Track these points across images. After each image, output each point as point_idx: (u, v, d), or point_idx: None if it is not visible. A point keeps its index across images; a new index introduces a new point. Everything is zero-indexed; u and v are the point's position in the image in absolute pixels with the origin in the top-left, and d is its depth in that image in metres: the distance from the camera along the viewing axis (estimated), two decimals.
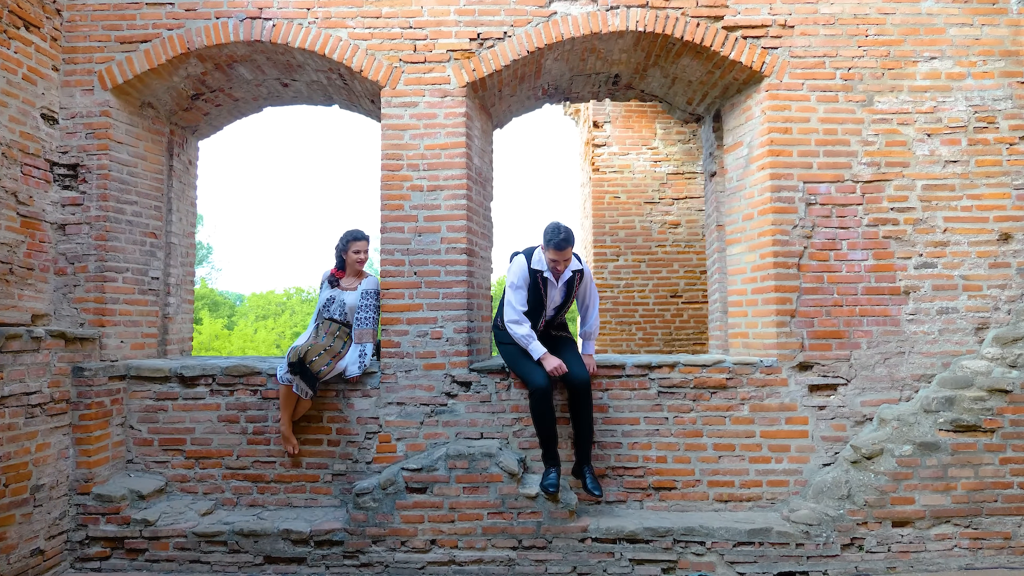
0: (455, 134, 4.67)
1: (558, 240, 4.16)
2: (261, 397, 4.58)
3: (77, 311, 4.57)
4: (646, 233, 8.26)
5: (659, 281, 8.22)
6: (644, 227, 8.26)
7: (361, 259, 4.76)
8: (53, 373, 4.12)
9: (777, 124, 4.61)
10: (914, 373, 4.50)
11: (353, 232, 4.81)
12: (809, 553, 4.10)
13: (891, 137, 4.59)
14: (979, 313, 4.53)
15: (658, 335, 8.20)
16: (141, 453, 4.60)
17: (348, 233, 4.81)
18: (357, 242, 4.77)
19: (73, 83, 4.69)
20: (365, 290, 4.67)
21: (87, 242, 4.62)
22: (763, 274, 4.63)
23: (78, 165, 4.66)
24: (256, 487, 4.56)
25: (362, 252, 4.77)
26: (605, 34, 4.66)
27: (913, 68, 4.62)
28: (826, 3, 4.65)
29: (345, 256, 4.78)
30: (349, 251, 4.76)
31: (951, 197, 4.57)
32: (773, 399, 4.51)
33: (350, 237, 4.79)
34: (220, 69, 4.99)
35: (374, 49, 4.69)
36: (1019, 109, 4.60)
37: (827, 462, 4.47)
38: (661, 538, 4.12)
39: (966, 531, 4.13)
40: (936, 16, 4.64)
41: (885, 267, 4.55)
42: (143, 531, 4.18)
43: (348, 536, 4.16)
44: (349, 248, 4.76)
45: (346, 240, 4.79)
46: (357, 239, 4.78)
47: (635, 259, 8.23)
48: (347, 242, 4.78)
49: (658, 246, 8.26)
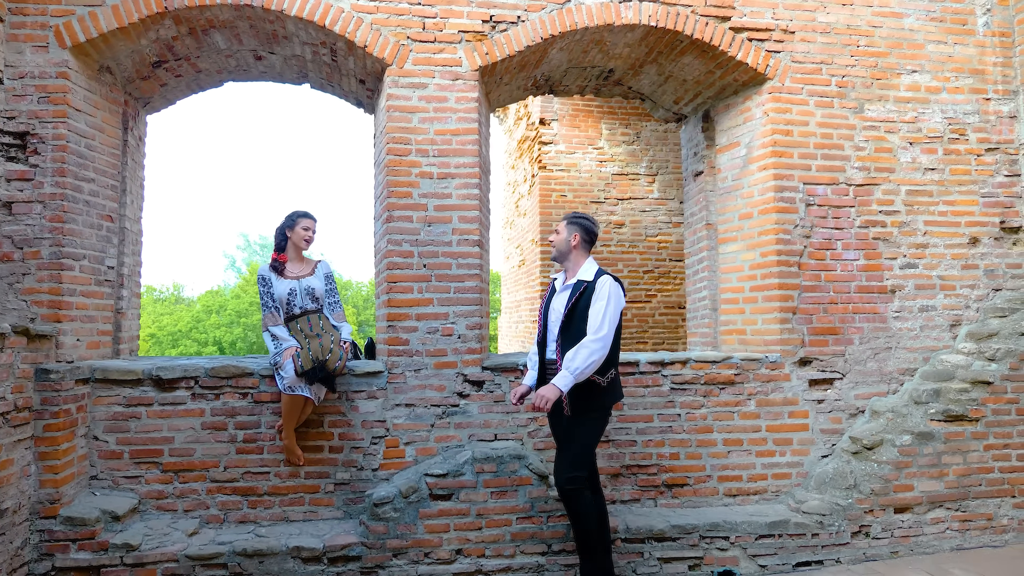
0: (467, 120, 4.43)
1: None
2: (252, 400, 4.12)
3: (26, 304, 3.91)
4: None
5: None
6: None
7: (309, 237, 4.26)
8: (17, 376, 3.48)
9: (779, 126, 4.73)
10: (900, 367, 4.77)
11: (299, 211, 4.30)
12: (823, 543, 4.22)
13: (879, 144, 4.84)
14: (953, 311, 4.87)
15: None
16: (108, 468, 4.00)
17: (294, 212, 4.29)
18: (306, 219, 4.25)
19: (22, 38, 4.02)
20: (327, 273, 4.28)
21: (39, 223, 3.96)
22: (764, 272, 4.74)
23: (27, 134, 3.99)
24: (247, 501, 4.09)
25: (311, 230, 4.26)
26: (617, 26, 4.59)
27: (897, 79, 4.90)
28: (823, 12, 4.83)
29: (291, 234, 4.22)
30: (297, 228, 4.22)
31: (930, 202, 4.88)
32: (777, 394, 4.62)
33: (298, 215, 4.26)
34: (194, 35, 4.46)
35: (380, 24, 4.36)
36: (984, 123, 4.99)
37: (825, 454, 4.64)
38: (688, 535, 4.10)
39: (956, 514, 4.42)
40: (917, 32, 4.94)
41: (874, 267, 4.78)
42: (124, 557, 3.62)
43: (366, 550, 3.81)
44: (297, 225, 4.22)
45: (293, 218, 4.25)
46: (306, 216, 4.27)
47: None
48: (295, 219, 4.24)
49: (603, 245, 8.30)
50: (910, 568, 4.12)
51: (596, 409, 3.59)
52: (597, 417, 3.59)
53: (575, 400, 3.54)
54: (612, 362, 3.63)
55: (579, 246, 3.74)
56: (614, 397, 3.67)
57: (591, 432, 3.57)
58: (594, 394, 3.57)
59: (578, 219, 3.77)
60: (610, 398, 3.64)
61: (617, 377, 3.70)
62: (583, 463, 3.55)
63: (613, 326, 3.50)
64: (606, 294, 3.52)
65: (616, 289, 3.58)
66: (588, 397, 3.55)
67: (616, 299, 3.56)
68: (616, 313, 3.54)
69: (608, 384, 3.60)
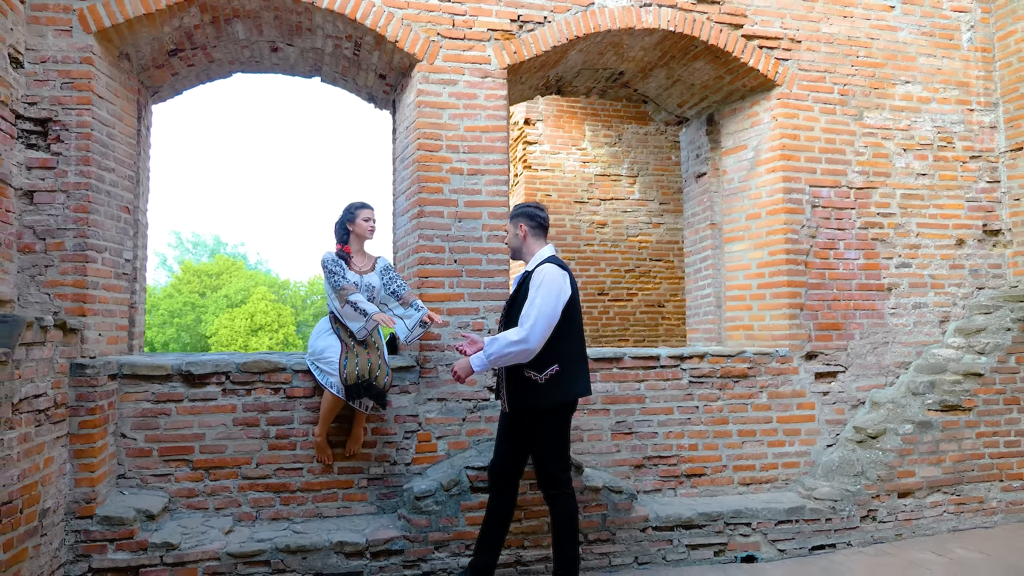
0: (496, 117, 4.49)
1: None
2: (285, 396, 4.07)
3: (49, 297, 3.76)
4: (575, 232, 8.43)
5: (587, 279, 8.42)
6: (574, 226, 8.42)
7: (372, 227, 4.17)
8: (55, 371, 3.35)
9: (788, 131, 4.95)
10: (896, 361, 5.05)
11: (357, 202, 4.22)
12: (835, 527, 4.44)
13: (877, 149, 5.13)
14: (942, 308, 5.19)
15: (586, 332, 8.39)
16: (136, 466, 3.88)
17: (352, 204, 4.20)
18: (365, 210, 4.16)
19: (43, 20, 3.86)
20: (384, 267, 4.21)
21: (63, 214, 3.81)
22: (772, 270, 4.95)
23: (50, 120, 3.84)
24: (279, 498, 4.03)
25: (371, 220, 4.17)
26: (638, 30, 4.72)
27: (893, 89, 5.19)
28: (826, 23, 5.08)
29: (352, 227, 4.14)
30: (358, 220, 4.12)
31: (921, 206, 5.19)
32: (786, 386, 4.83)
33: (356, 206, 4.17)
34: (216, 24, 4.37)
35: (410, 19, 4.37)
36: (969, 132, 5.34)
37: (830, 443, 4.88)
38: (713, 522, 4.25)
39: (952, 498, 4.71)
40: (910, 45, 5.25)
41: (873, 266, 5.06)
42: (164, 556, 3.53)
43: (408, 544, 3.82)
44: (357, 217, 4.13)
45: (352, 210, 4.16)
46: (364, 206, 4.18)
47: (565, 257, 8.34)
48: (354, 211, 4.15)
49: (586, 244, 8.45)
50: (916, 549, 4.38)
51: (542, 410, 3.37)
52: (541, 420, 3.39)
53: (513, 392, 3.42)
54: (557, 358, 3.35)
55: (529, 235, 3.61)
56: (562, 395, 3.38)
57: (542, 440, 3.43)
58: (530, 390, 3.36)
59: (520, 210, 3.64)
60: (556, 396, 3.36)
61: (569, 374, 3.40)
62: (543, 470, 3.45)
63: (545, 318, 3.25)
64: (539, 283, 3.31)
65: (554, 278, 3.33)
66: (523, 394, 3.39)
67: (550, 289, 3.29)
68: (551, 304, 3.27)
69: (549, 382, 3.34)
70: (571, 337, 3.41)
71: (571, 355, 3.41)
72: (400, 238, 4.76)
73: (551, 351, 3.33)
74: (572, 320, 3.40)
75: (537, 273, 3.39)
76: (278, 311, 34.96)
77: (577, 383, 3.44)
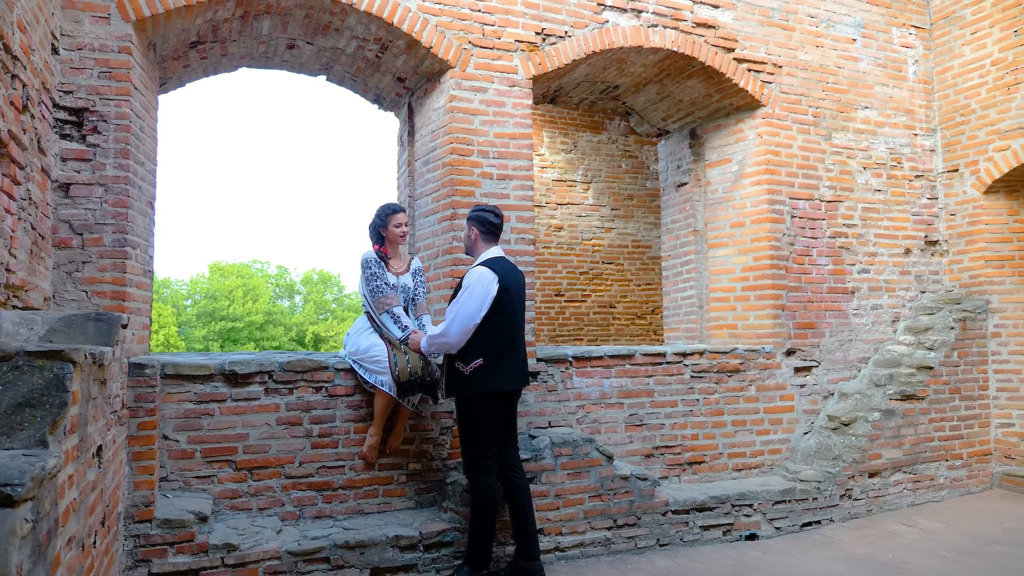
0: (523, 124, 4.69)
1: None
2: (327, 395, 4.08)
3: (87, 294, 3.62)
4: (534, 235, 8.69)
5: (545, 281, 8.71)
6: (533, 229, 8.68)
7: (404, 232, 4.23)
8: (122, 371, 3.25)
9: (771, 147, 5.44)
10: (858, 356, 5.66)
11: (391, 205, 4.26)
12: (820, 505, 4.95)
13: (842, 167, 5.72)
14: (894, 309, 5.86)
15: (544, 331, 8.68)
16: (179, 468, 3.79)
17: (386, 207, 4.23)
18: (397, 215, 4.20)
19: (80, 6, 3.70)
20: (417, 268, 4.32)
21: (101, 208, 3.68)
22: (757, 274, 5.42)
23: (86, 110, 3.69)
24: (321, 496, 4.05)
25: (403, 224, 4.23)
26: (646, 48, 5.05)
27: (855, 113, 5.81)
28: (802, 51, 5.62)
29: (385, 232, 4.20)
30: (389, 225, 4.18)
31: (878, 218, 5.84)
32: (771, 380, 5.32)
33: (390, 210, 4.20)
34: (245, 18, 4.32)
35: (444, 27, 4.49)
36: (914, 154, 6.05)
37: (806, 431, 5.41)
38: (722, 504, 4.64)
39: (910, 476, 5.35)
40: (868, 74, 5.89)
41: (840, 271, 5.64)
42: (225, 558, 3.49)
43: (459, 535, 3.95)
44: (389, 222, 4.17)
45: (385, 214, 4.19)
46: (397, 211, 4.22)
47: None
48: (386, 216, 4.19)
49: (544, 247, 8.75)
50: (888, 522, 4.96)
51: (465, 399, 3.72)
52: (467, 408, 3.72)
53: (448, 381, 3.81)
54: (481, 352, 3.65)
55: (479, 239, 3.87)
56: (483, 387, 3.65)
57: (465, 424, 3.75)
58: (458, 380, 3.72)
59: (474, 213, 3.89)
60: (478, 387, 3.65)
61: (494, 368, 3.66)
62: (465, 455, 3.76)
63: (464, 316, 3.58)
64: (467, 284, 3.66)
65: (480, 281, 3.63)
66: (452, 383, 3.77)
67: (474, 290, 3.61)
68: (471, 304, 3.59)
69: (473, 374, 3.65)
70: (498, 334, 3.68)
71: (497, 350, 3.69)
72: (425, 239, 4.85)
73: (476, 345, 3.65)
74: (500, 317, 3.67)
75: (469, 274, 3.71)
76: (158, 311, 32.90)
77: (502, 377, 3.70)
